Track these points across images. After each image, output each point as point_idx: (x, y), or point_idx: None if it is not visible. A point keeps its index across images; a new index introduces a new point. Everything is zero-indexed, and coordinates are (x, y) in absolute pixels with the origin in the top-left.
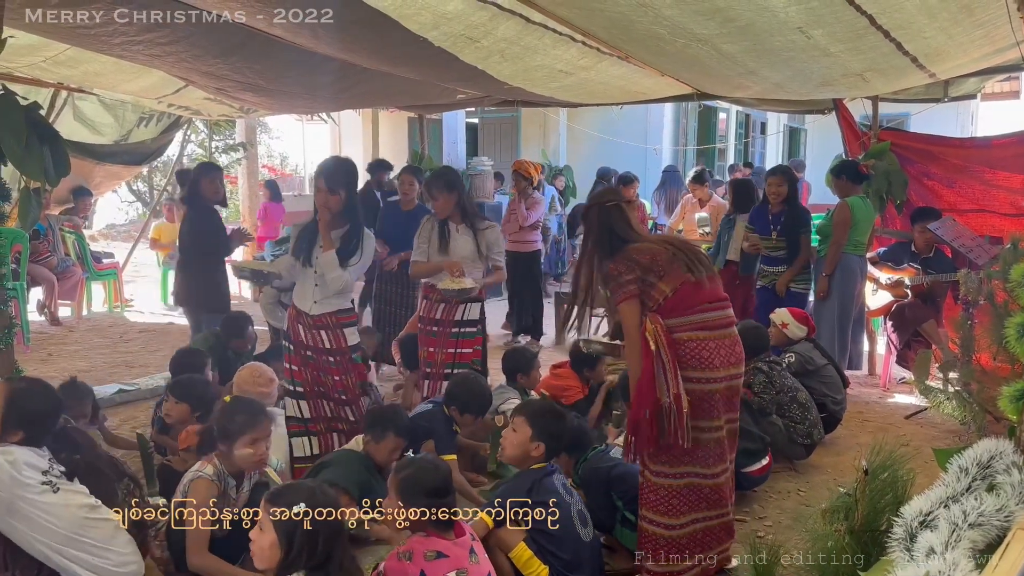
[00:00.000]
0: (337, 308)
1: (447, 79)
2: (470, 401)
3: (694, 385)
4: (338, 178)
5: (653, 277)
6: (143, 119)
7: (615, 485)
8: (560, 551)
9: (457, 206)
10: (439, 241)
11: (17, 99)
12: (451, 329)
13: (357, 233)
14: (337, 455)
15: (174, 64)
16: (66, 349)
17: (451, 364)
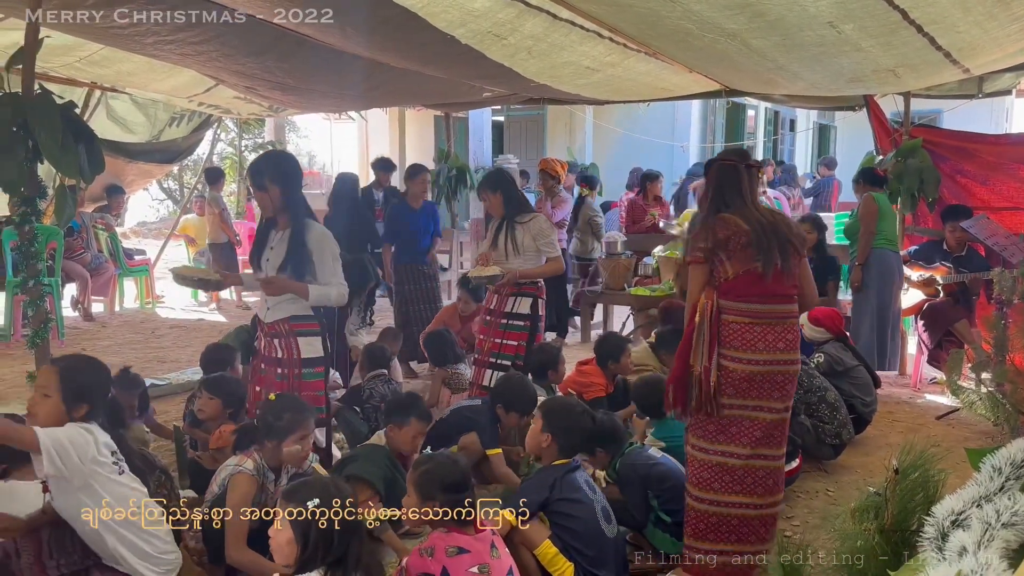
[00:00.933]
0: (290, 314)
1: (474, 77)
2: (514, 400)
3: (734, 364)
4: (263, 174)
5: (723, 254)
6: (174, 118)
7: (653, 483)
8: (585, 548)
9: (505, 203)
10: (492, 237)
11: (54, 98)
12: (500, 320)
13: (300, 236)
14: (362, 449)
15: (205, 63)
16: (99, 344)
17: (496, 353)
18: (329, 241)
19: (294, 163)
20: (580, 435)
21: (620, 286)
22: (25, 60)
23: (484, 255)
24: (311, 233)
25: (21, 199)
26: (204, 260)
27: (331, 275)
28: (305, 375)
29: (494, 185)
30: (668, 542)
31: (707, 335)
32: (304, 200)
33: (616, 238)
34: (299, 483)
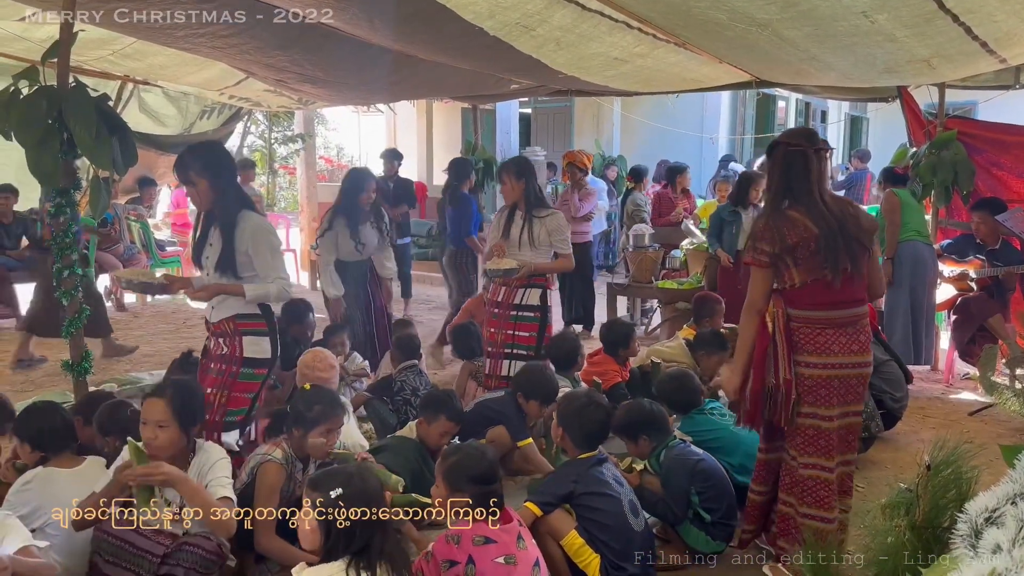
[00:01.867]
0: (235, 312)
1: (501, 69)
2: (534, 388)
3: (810, 370)
4: (188, 167)
5: (789, 260)
6: (205, 111)
7: (697, 480)
8: (611, 541)
9: (524, 194)
10: (504, 227)
11: (88, 91)
12: (510, 312)
13: (231, 230)
14: (392, 441)
15: (236, 56)
16: (132, 334)
17: (510, 345)
18: (265, 233)
19: (220, 153)
20: (592, 428)
21: (647, 279)
22: (60, 54)
23: (500, 247)
24: (245, 225)
25: (56, 191)
26: None
27: (269, 269)
28: (242, 375)
29: (520, 172)
30: (703, 540)
31: (780, 345)
32: (237, 191)
33: (643, 231)
34: (324, 472)
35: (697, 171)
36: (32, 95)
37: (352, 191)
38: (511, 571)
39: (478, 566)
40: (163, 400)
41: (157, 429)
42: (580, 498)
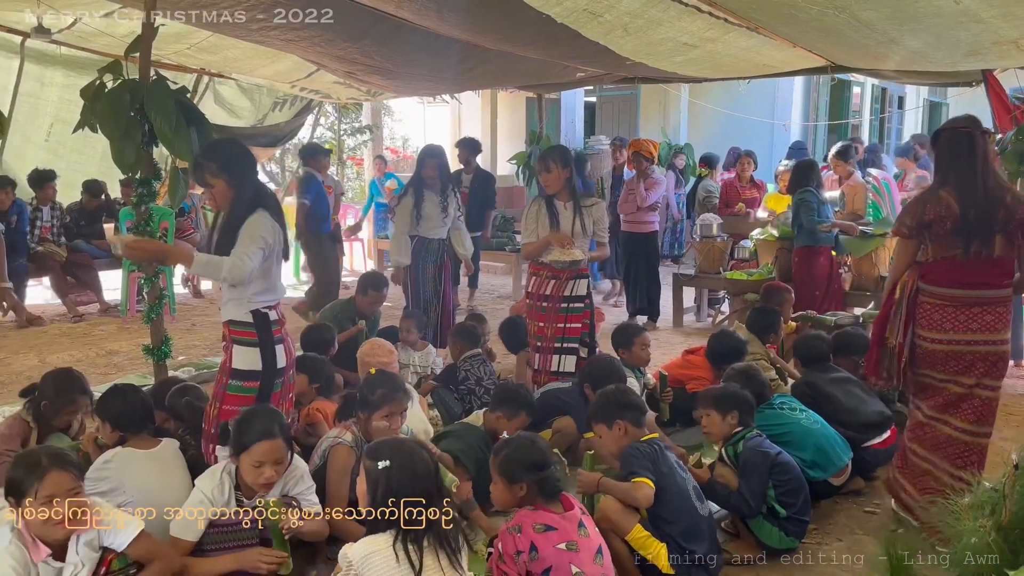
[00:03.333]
0: (229, 317)
1: (568, 57)
2: (602, 380)
3: (926, 343)
4: (203, 168)
5: (927, 235)
6: (277, 103)
7: (776, 473)
8: (679, 523)
9: (567, 183)
10: (549, 218)
11: (168, 84)
12: (560, 304)
13: (231, 233)
14: (459, 428)
15: (307, 48)
16: (208, 320)
17: (560, 338)
18: (255, 225)
19: (237, 151)
20: (641, 404)
21: (715, 269)
22: (141, 48)
23: (567, 238)
24: (245, 224)
25: (138, 181)
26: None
27: (235, 252)
28: (230, 387)
29: (566, 160)
30: (776, 535)
31: (903, 314)
32: (255, 190)
33: (712, 220)
34: (378, 442)
35: (768, 159)
36: (116, 88)
37: (417, 164)
38: (573, 557)
39: (540, 552)
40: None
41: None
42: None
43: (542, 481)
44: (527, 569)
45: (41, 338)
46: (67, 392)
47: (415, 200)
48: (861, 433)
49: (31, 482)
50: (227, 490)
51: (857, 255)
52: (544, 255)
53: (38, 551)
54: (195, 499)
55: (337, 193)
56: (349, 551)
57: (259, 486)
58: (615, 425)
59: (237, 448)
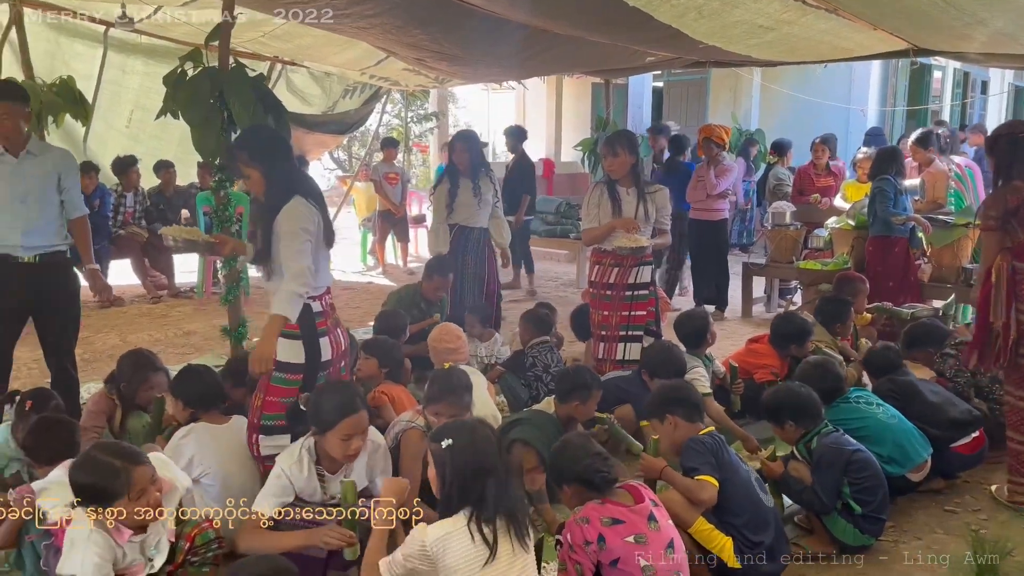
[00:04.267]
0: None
1: (639, 41)
2: (660, 366)
3: (1021, 318)
4: (236, 159)
5: (1015, 222)
6: (347, 90)
7: (852, 470)
8: (744, 515)
9: (633, 168)
10: (611, 204)
11: (247, 71)
12: (624, 292)
13: (267, 224)
14: (530, 414)
15: (378, 36)
16: None
17: (625, 326)
18: (291, 217)
19: (270, 137)
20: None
21: (787, 259)
22: (221, 37)
23: (633, 223)
24: (281, 213)
25: (217, 166)
26: (369, 227)
27: (283, 258)
28: (274, 378)
29: (633, 145)
30: (851, 532)
31: (1003, 293)
32: (290, 177)
33: (784, 208)
34: (445, 424)
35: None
36: (197, 76)
37: (448, 150)
38: (641, 550)
39: (608, 543)
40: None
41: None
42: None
43: (584, 478)
44: (596, 560)
45: (121, 318)
46: (142, 372)
47: (449, 187)
48: (948, 431)
49: (120, 486)
50: (306, 467)
51: (938, 245)
52: (608, 241)
53: (121, 534)
54: (273, 474)
55: (403, 181)
56: (422, 534)
57: (347, 457)
58: (666, 420)
59: (322, 426)
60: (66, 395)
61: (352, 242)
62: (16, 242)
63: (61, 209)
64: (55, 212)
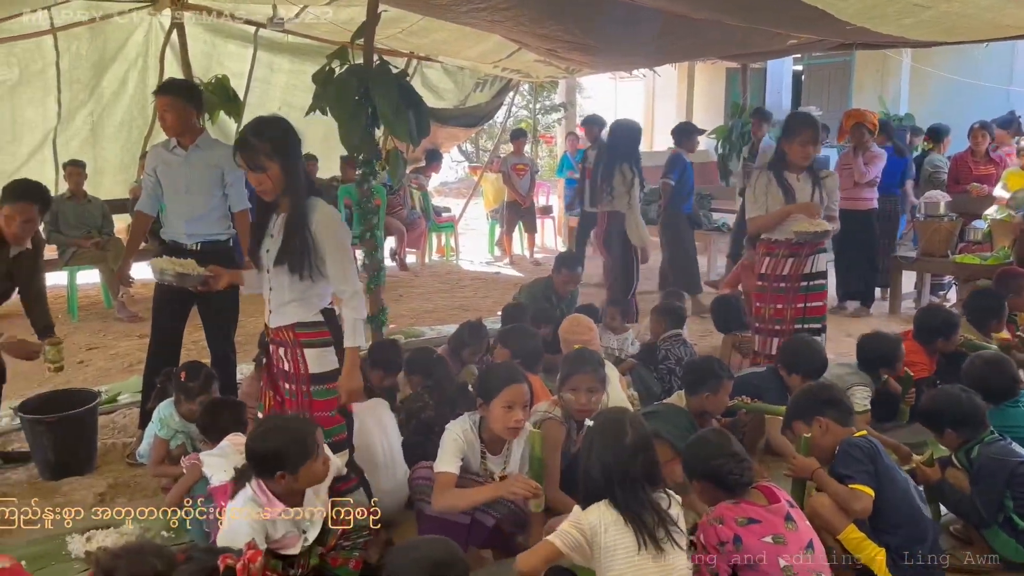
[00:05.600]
0: (295, 320)
1: (781, 23)
2: (798, 362)
3: None
4: (257, 151)
5: None
6: (479, 83)
7: (1016, 483)
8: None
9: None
10: (782, 191)
11: (391, 68)
12: (800, 283)
13: (302, 219)
14: (662, 407)
15: (512, 28)
16: (413, 292)
17: (800, 319)
18: (335, 224)
19: (289, 129)
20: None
21: (941, 252)
22: (366, 34)
23: (809, 206)
24: (315, 215)
25: (361, 161)
26: (497, 218)
27: (341, 279)
28: (315, 392)
29: (819, 136)
30: (1012, 547)
31: None
32: (307, 173)
33: (938, 198)
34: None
35: None
36: (344, 73)
37: None
38: (780, 551)
39: (745, 543)
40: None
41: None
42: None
43: (716, 476)
44: (732, 561)
45: None
46: None
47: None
48: None
49: (309, 448)
50: (474, 438)
51: None
52: (780, 230)
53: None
54: (449, 438)
55: (532, 172)
56: (583, 517)
57: (508, 430)
58: (814, 422)
59: (488, 394)
60: (224, 376)
61: (480, 233)
62: (182, 230)
63: (224, 201)
64: (217, 204)
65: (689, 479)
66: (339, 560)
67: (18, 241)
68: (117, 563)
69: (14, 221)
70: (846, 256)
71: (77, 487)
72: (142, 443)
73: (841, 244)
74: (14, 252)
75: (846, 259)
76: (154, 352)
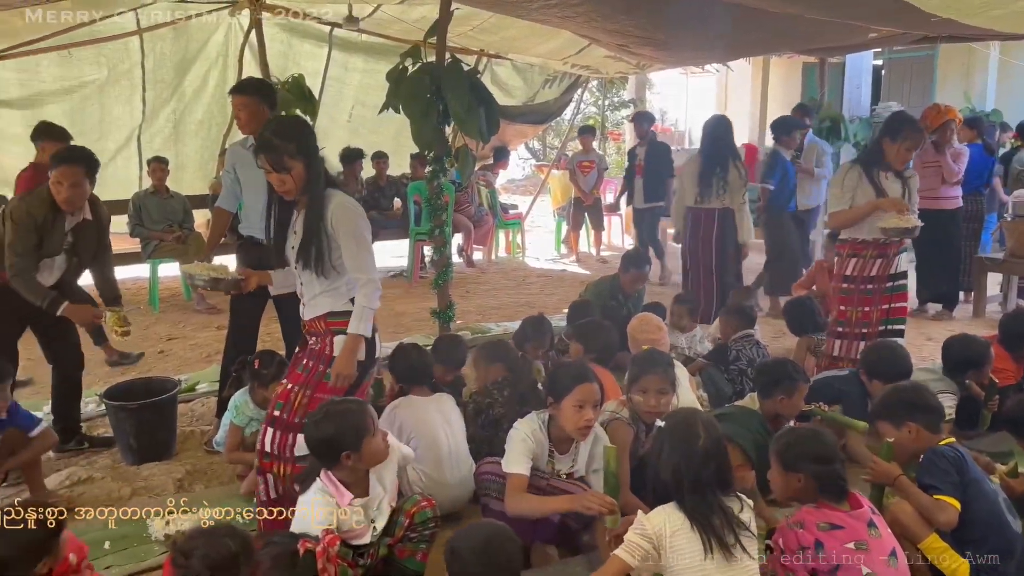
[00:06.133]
0: (327, 310)
1: (862, 16)
2: (880, 366)
3: None
4: (281, 151)
5: None
6: (548, 80)
7: None
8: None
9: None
10: (872, 187)
11: (462, 66)
12: (886, 283)
13: (318, 211)
14: (734, 409)
15: (583, 24)
16: (480, 288)
17: (885, 320)
18: (351, 214)
19: (308, 128)
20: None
21: None
22: (439, 32)
23: (897, 202)
24: (331, 205)
25: (431, 158)
26: (564, 215)
27: (356, 266)
28: (327, 376)
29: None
30: None
31: None
32: (325, 170)
33: None
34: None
35: None
36: (416, 72)
37: None
38: (863, 557)
39: (827, 549)
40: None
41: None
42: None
43: (824, 476)
44: (812, 567)
45: None
46: None
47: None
48: None
49: (362, 428)
50: (543, 436)
51: None
52: (866, 228)
53: (343, 497)
54: (518, 438)
55: (600, 168)
56: (647, 522)
57: (579, 430)
58: (904, 427)
59: (559, 393)
60: None
61: (547, 230)
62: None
63: None
64: None
65: (788, 468)
66: (406, 552)
67: (71, 207)
68: (194, 545)
69: (63, 186)
70: (928, 257)
71: (156, 472)
72: (219, 431)
73: (923, 245)
74: (73, 222)
75: (928, 260)
76: (231, 343)
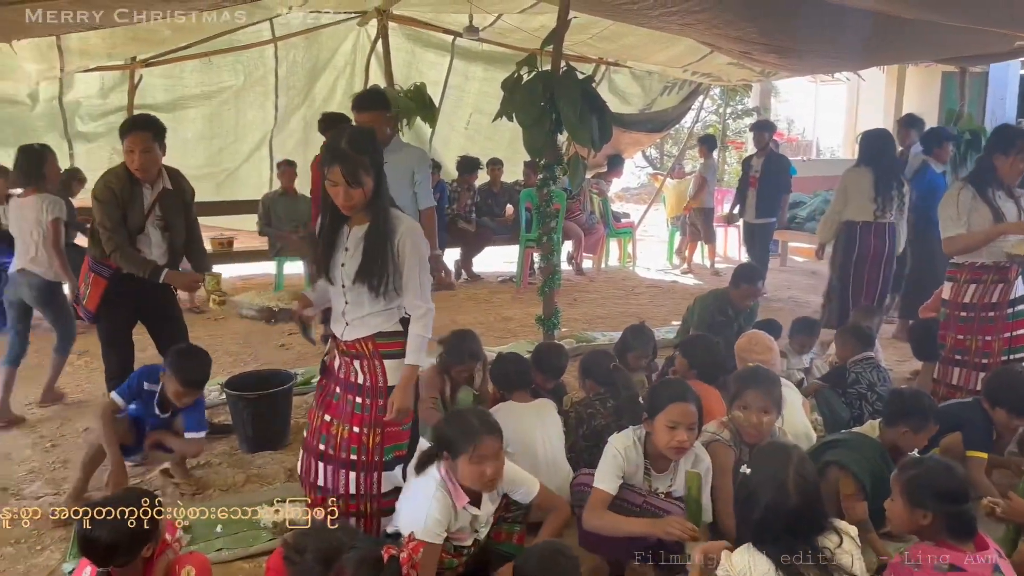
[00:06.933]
0: (376, 330)
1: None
2: (1005, 394)
3: None
4: (357, 164)
5: None
6: (666, 88)
7: None
8: None
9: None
10: (988, 207)
11: (576, 74)
12: (1007, 311)
13: (384, 230)
14: (851, 437)
15: (704, 31)
16: (588, 296)
17: (1008, 350)
18: (421, 240)
19: (378, 143)
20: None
21: None
22: (555, 41)
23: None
24: (401, 228)
25: (542, 165)
26: (678, 225)
27: (416, 294)
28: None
29: None
30: None
31: None
32: (387, 188)
33: None
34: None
35: None
36: (531, 80)
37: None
38: None
39: None
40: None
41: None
42: None
43: (954, 516)
44: None
45: (451, 301)
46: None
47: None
48: None
49: (467, 442)
50: (638, 454)
51: None
52: (987, 252)
53: (460, 498)
54: (609, 454)
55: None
56: (731, 565)
57: (671, 450)
58: None
59: (652, 410)
60: None
61: (659, 240)
62: None
63: (414, 200)
64: (407, 202)
65: (915, 504)
66: (502, 535)
67: (145, 174)
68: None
69: (133, 154)
70: None
71: (270, 461)
72: None
73: None
74: (154, 193)
75: None
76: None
